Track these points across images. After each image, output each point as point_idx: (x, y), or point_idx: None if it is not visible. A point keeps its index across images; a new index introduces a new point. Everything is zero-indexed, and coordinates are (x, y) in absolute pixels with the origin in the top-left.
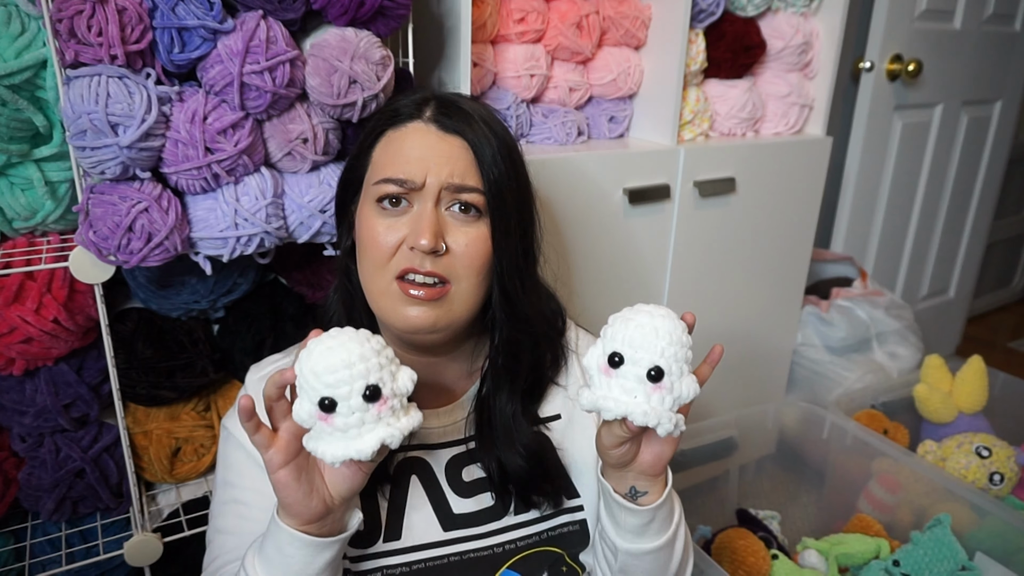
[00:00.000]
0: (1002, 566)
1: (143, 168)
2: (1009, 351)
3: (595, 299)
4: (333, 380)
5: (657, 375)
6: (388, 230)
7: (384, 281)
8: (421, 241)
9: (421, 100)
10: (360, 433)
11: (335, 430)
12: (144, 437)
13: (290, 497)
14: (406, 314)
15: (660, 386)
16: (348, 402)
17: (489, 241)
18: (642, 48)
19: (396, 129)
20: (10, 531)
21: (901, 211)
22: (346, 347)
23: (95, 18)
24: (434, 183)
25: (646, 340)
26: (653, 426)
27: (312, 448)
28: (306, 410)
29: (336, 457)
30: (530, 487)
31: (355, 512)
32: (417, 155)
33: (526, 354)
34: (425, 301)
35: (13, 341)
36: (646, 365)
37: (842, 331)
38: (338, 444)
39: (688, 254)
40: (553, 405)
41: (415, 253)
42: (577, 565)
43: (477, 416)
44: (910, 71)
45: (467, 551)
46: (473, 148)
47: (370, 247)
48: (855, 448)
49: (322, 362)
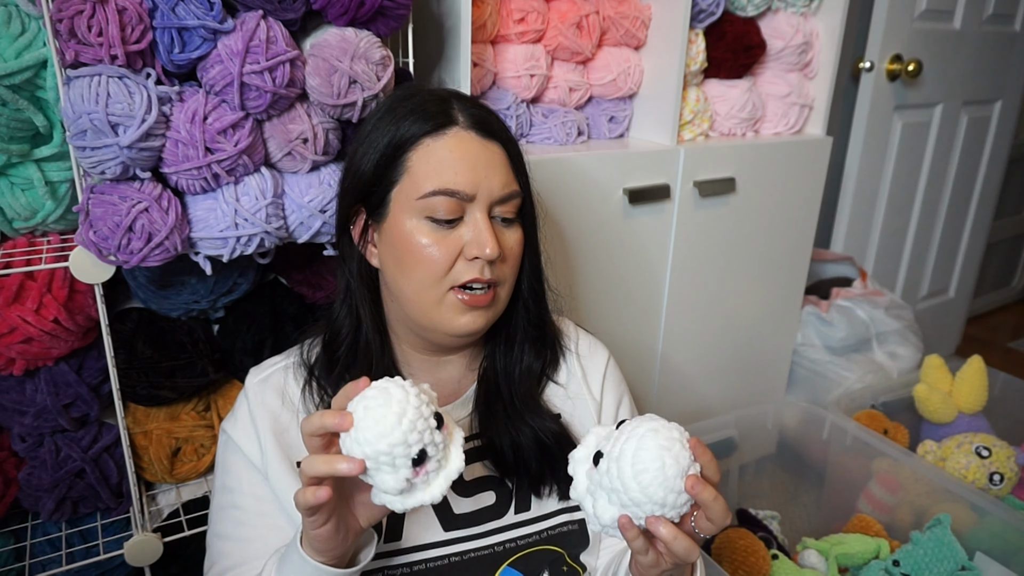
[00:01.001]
0: (1002, 566)
1: (143, 168)
2: (1009, 351)
3: (595, 299)
4: (417, 435)
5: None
6: (442, 243)
7: (438, 292)
8: (487, 251)
9: (441, 100)
10: (445, 465)
11: (424, 476)
12: (144, 437)
13: (329, 543)
14: (461, 321)
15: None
16: (431, 445)
17: (523, 239)
18: (642, 48)
19: (435, 137)
20: (10, 531)
21: (901, 211)
22: (400, 407)
23: (95, 18)
24: (487, 195)
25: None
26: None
27: (396, 505)
28: (402, 476)
29: (434, 498)
30: (542, 467)
31: (370, 533)
32: (467, 165)
33: (549, 331)
34: (480, 307)
35: (13, 341)
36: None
37: (842, 331)
38: (418, 494)
39: (688, 254)
40: (553, 404)
41: (475, 263)
42: (578, 565)
43: (485, 402)
44: (910, 71)
45: (467, 551)
46: (507, 151)
47: (423, 262)
48: (855, 448)
49: (403, 421)
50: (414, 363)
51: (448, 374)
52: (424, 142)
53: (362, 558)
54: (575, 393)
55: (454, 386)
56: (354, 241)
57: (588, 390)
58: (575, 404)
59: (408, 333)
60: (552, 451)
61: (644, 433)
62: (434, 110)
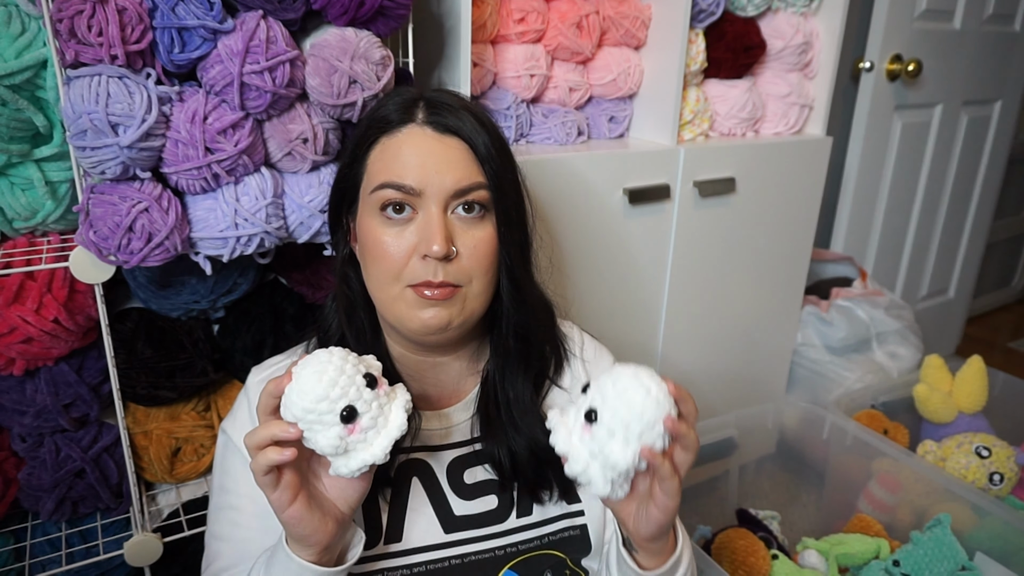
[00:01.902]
0: (1002, 566)
1: (143, 168)
2: (1009, 351)
3: (595, 299)
4: (339, 390)
5: (591, 416)
6: (396, 239)
7: (396, 289)
8: (433, 247)
9: (409, 102)
10: (383, 424)
11: (361, 435)
12: (144, 437)
13: (307, 528)
14: (421, 316)
15: (591, 430)
16: (362, 402)
17: (495, 238)
18: (642, 48)
19: (390, 136)
20: (10, 531)
21: (901, 211)
22: (321, 365)
23: (95, 18)
24: (439, 190)
25: (624, 404)
26: (573, 475)
27: (341, 469)
28: (334, 434)
29: (375, 457)
30: (540, 475)
31: (356, 531)
32: (416, 161)
33: (535, 336)
34: (439, 301)
35: (13, 341)
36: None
37: (842, 331)
38: (367, 449)
39: (688, 254)
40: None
41: (428, 262)
42: (580, 570)
43: (485, 406)
44: (910, 71)
45: (468, 553)
46: (470, 144)
47: (380, 258)
48: (855, 448)
49: (324, 377)
50: (407, 365)
51: (447, 376)
52: (381, 141)
53: (349, 557)
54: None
55: (454, 388)
56: (345, 239)
57: None
58: None
59: (394, 332)
60: (546, 461)
61: (618, 373)
62: (399, 108)
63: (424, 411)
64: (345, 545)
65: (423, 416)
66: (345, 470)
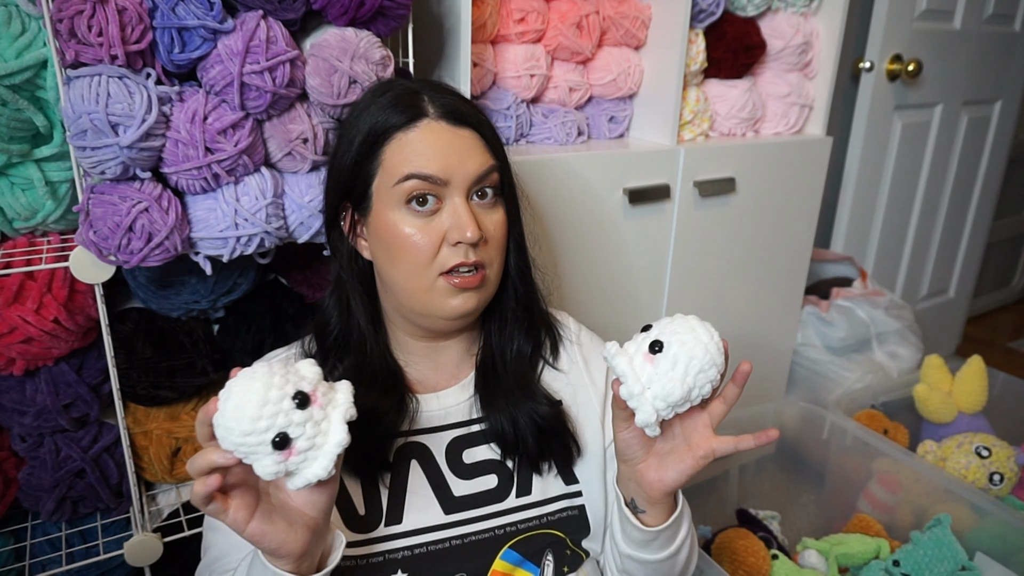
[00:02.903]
0: (1002, 566)
1: (143, 168)
2: (1009, 351)
3: (595, 299)
4: (266, 421)
5: (655, 347)
6: (424, 230)
7: (428, 279)
8: (467, 233)
9: (411, 94)
10: (322, 442)
11: (301, 456)
12: (144, 437)
13: (273, 541)
14: (452, 304)
15: (654, 360)
16: (294, 426)
17: (506, 220)
18: (642, 48)
19: (405, 131)
20: (10, 531)
21: (901, 211)
22: (244, 395)
23: (95, 18)
24: (463, 178)
25: (688, 341)
26: (627, 395)
27: (296, 485)
28: (271, 461)
29: (318, 476)
30: (541, 445)
31: (336, 534)
32: (438, 152)
33: (536, 307)
34: (470, 288)
35: (13, 341)
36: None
37: (842, 331)
38: (310, 468)
39: (688, 254)
40: (553, 389)
41: (459, 248)
42: (581, 550)
43: (484, 380)
44: (910, 71)
45: (468, 533)
46: (479, 132)
47: (408, 250)
48: (855, 448)
49: (247, 411)
50: (412, 350)
51: (447, 358)
52: (396, 136)
53: (330, 562)
54: (576, 381)
55: (453, 370)
56: (344, 235)
57: (591, 379)
58: (576, 391)
59: (404, 321)
60: (547, 432)
61: (684, 317)
62: (405, 104)
63: (421, 394)
64: (326, 549)
65: (421, 399)
66: (293, 488)
